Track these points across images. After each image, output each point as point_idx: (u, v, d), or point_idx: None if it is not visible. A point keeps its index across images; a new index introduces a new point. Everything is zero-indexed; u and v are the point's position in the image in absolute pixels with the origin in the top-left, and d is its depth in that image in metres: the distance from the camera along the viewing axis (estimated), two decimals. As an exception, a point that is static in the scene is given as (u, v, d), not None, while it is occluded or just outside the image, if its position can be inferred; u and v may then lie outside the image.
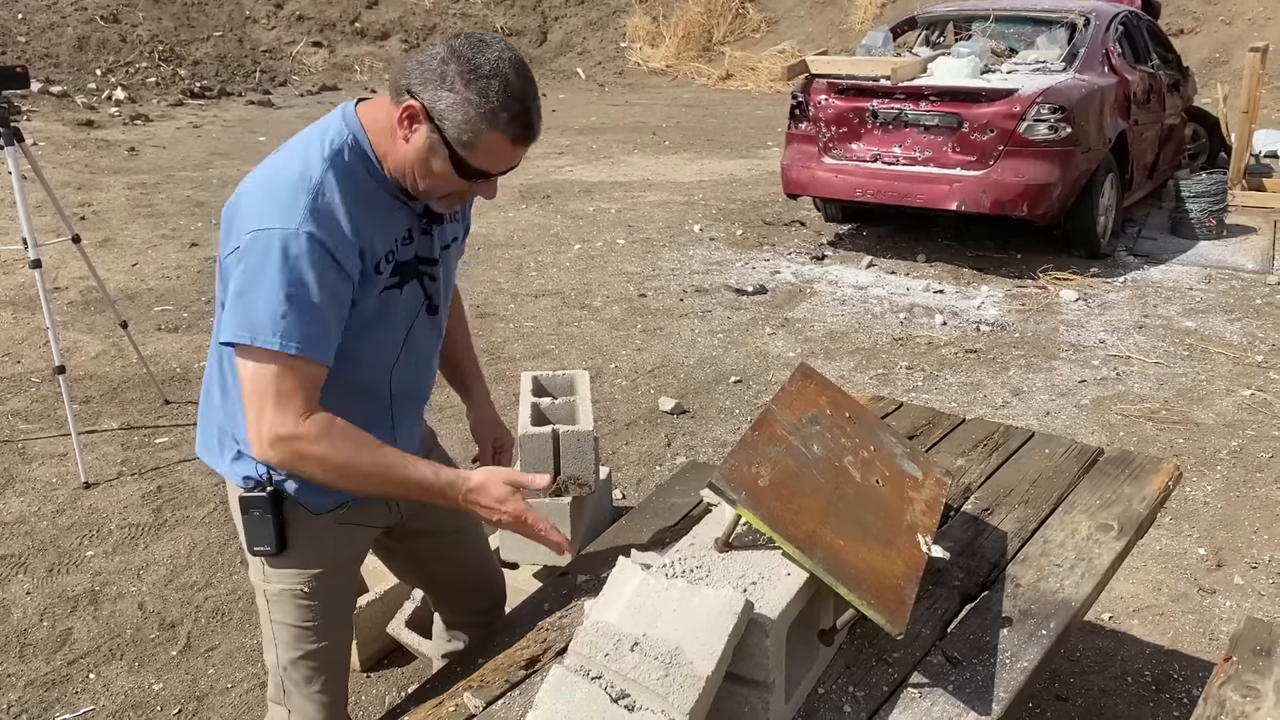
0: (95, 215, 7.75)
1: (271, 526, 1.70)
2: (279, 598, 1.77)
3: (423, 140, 1.54)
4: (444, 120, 1.51)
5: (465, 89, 1.50)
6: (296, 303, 1.49)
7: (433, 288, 1.76)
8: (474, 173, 1.57)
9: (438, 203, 1.66)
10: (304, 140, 1.60)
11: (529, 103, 1.54)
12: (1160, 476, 2.24)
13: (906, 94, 6.45)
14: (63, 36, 13.49)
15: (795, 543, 1.48)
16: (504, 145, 1.54)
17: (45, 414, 4.44)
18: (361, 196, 1.58)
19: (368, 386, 1.73)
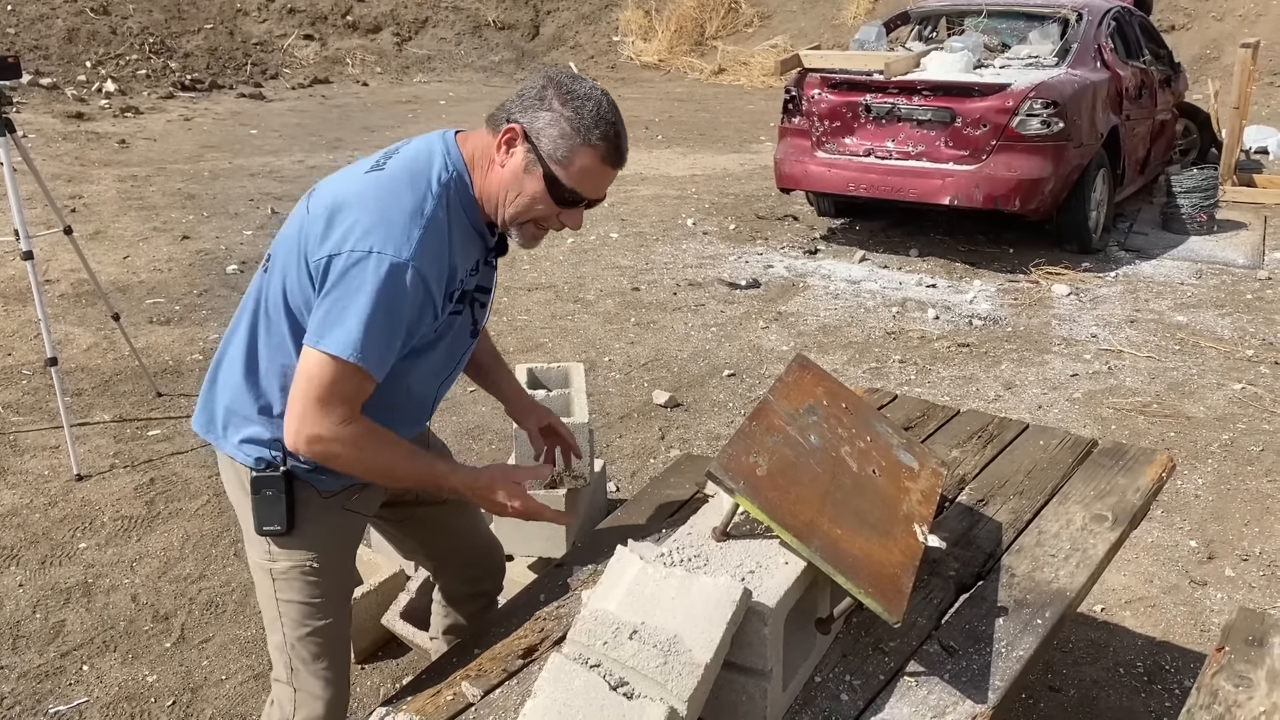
0: (86, 208, 7.72)
1: (283, 506, 1.74)
2: (287, 575, 1.81)
3: (520, 159, 1.62)
4: (540, 137, 1.61)
5: (562, 107, 1.60)
6: (386, 329, 1.58)
7: (480, 314, 1.84)
8: (564, 193, 1.63)
9: (520, 232, 1.71)
10: (414, 165, 1.66)
11: (619, 127, 1.64)
12: (1154, 468, 2.25)
13: (899, 88, 6.46)
14: (52, 28, 13.41)
15: (793, 532, 1.49)
16: (595, 163, 1.62)
17: (37, 406, 4.42)
18: (457, 231, 1.66)
19: (418, 396, 1.82)
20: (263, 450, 1.75)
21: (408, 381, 1.75)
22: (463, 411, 4.45)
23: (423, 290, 1.59)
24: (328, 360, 1.58)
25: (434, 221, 1.61)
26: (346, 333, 1.56)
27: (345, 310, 1.56)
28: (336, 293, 1.57)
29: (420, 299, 1.60)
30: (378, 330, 1.57)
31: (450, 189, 1.65)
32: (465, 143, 1.70)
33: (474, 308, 1.81)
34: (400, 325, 1.60)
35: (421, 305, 1.61)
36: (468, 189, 1.68)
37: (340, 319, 1.57)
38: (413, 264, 1.56)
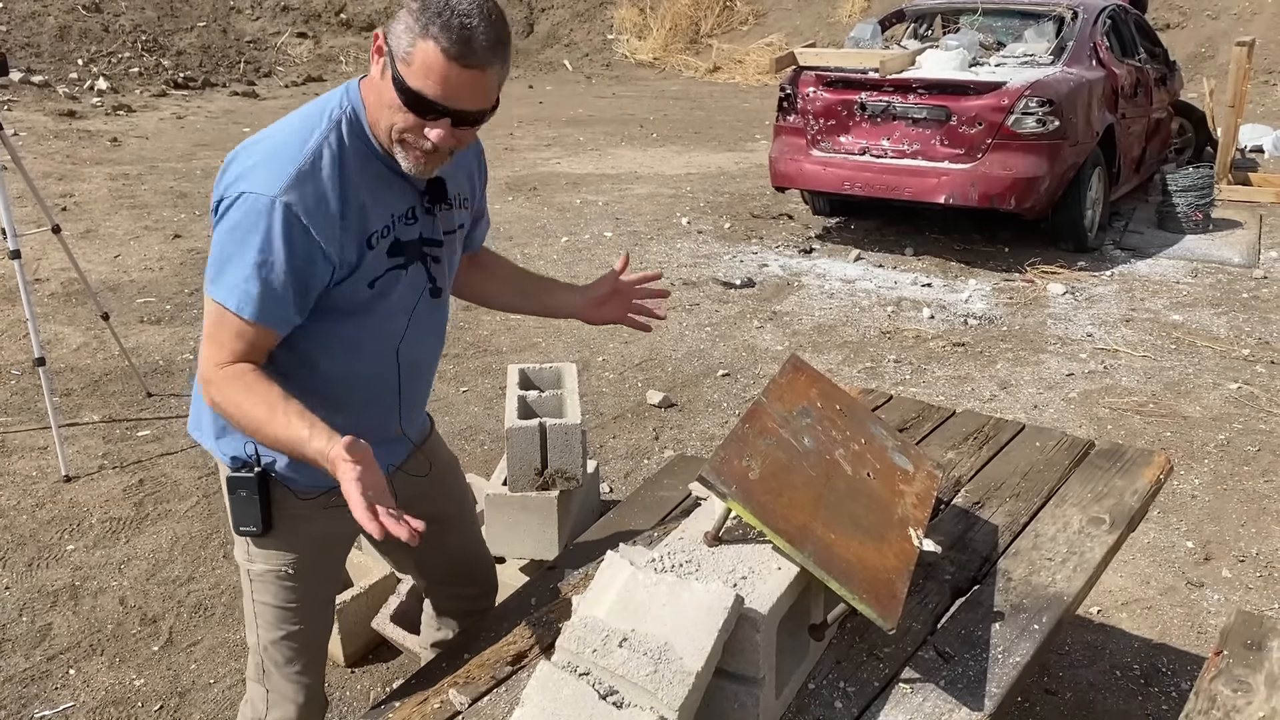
0: (77, 206, 7.67)
1: (258, 507, 1.70)
2: (262, 578, 1.78)
3: (379, 66, 1.52)
4: (392, 39, 1.49)
5: (418, 6, 1.47)
6: (261, 270, 1.51)
7: (437, 270, 1.74)
8: (411, 96, 1.48)
9: (400, 152, 1.56)
10: (306, 112, 1.61)
11: (469, 19, 1.45)
12: (1152, 469, 2.23)
13: (895, 87, 6.44)
14: (44, 25, 13.34)
15: (786, 537, 1.46)
16: (437, 58, 1.45)
17: (25, 406, 4.39)
18: (357, 169, 1.57)
19: (375, 372, 1.73)
20: (237, 449, 1.71)
21: (358, 357, 1.68)
22: (455, 412, 4.42)
23: (298, 228, 1.51)
24: (209, 302, 1.57)
25: (314, 157, 1.53)
26: (218, 273, 1.55)
27: (219, 252, 1.55)
28: (216, 236, 1.56)
29: (296, 237, 1.51)
30: (256, 274, 1.51)
31: (341, 126, 1.57)
32: (367, 82, 1.61)
33: (426, 263, 1.71)
34: (281, 265, 1.51)
35: (303, 245, 1.52)
36: (365, 127, 1.58)
37: (215, 260, 1.56)
38: (280, 199, 1.49)
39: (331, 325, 1.64)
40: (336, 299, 1.61)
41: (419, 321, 1.74)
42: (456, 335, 5.27)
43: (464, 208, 1.80)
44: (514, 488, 2.89)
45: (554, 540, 2.89)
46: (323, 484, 1.73)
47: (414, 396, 1.85)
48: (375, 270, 1.62)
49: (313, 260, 1.54)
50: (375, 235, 1.60)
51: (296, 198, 1.50)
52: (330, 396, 1.69)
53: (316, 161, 1.53)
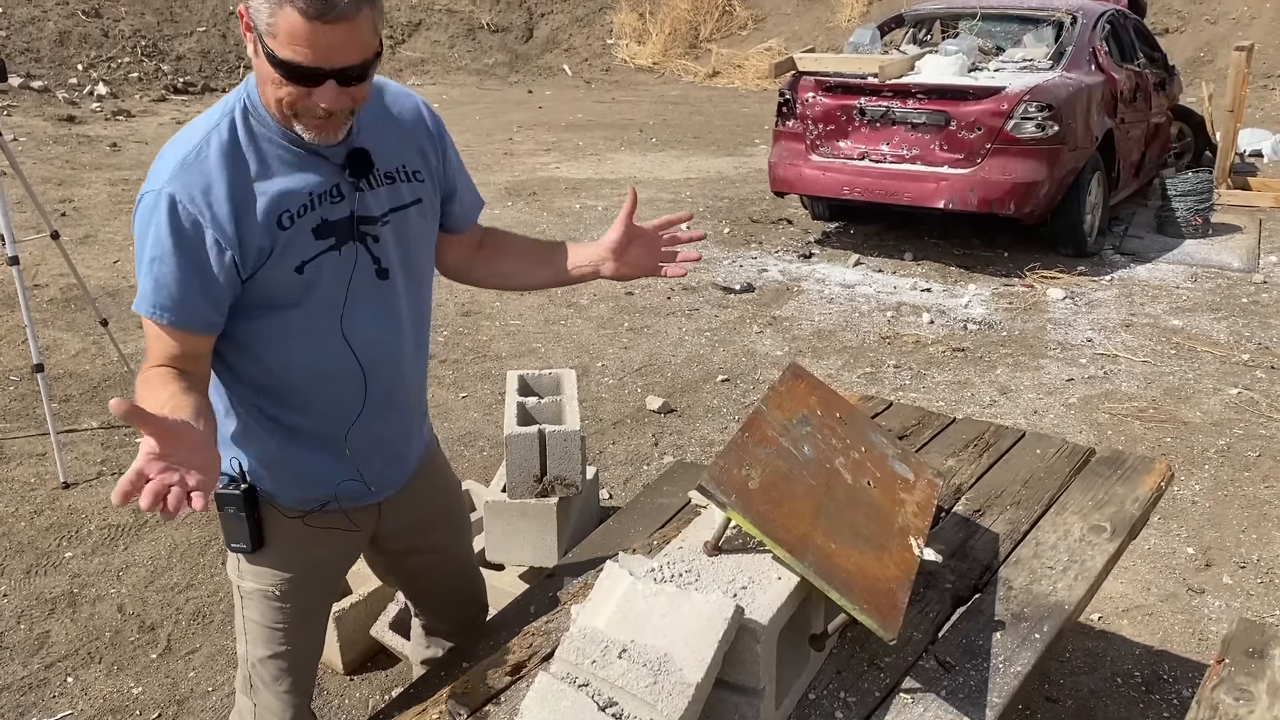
0: (77, 211, 7.67)
1: (246, 524, 1.68)
2: (251, 596, 1.76)
3: (253, 47, 1.46)
4: (254, 16, 1.42)
5: None
6: (154, 267, 1.49)
7: (379, 249, 1.64)
8: (289, 67, 1.42)
9: (299, 126, 1.51)
10: (209, 110, 1.58)
11: None
12: (1152, 477, 2.22)
13: (894, 92, 6.44)
14: (43, 31, 13.34)
15: (786, 547, 1.45)
16: (299, 22, 1.39)
17: (24, 413, 4.38)
18: (256, 152, 1.52)
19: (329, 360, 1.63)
20: (223, 464, 1.64)
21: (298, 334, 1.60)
22: (454, 418, 4.41)
23: (184, 216, 1.46)
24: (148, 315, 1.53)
25: (202, 145, 1.49)
26: (140, 283, 1.51)
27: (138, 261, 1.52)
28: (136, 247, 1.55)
29: (183, 227, 1.46)
30: (153, 274, 1.48)
31: (236, 113, 1.53)
32: None
33: (366, 242, 1.62)
34: (174, 260, 1.47)
35: (191, 234, 1.47)
36: (260, 109, 1.53)
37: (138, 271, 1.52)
38: (165, 191, 1.46)
39: (271, 319, 1.58)
40: (268, 287, 1.55)
41: (361, 300, 1.63)
42: (455, 341, 5.27)
43: (413, 181, 1.69)
44: (513, 495, 2.88)
45: (553, 547, 2.88)
46: (305, 502, 1.72)
47: (391, 391, 1.72)
48: (301, 253, 1.55)
49: (202, 247, 1.48)
50: (287, 215, 1.53)
51: (180, 186, 1.47)
52: (294, 397, 1.65)
53: (203, 150, 1.50)
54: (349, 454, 1.71)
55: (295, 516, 1.72)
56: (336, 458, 1.72)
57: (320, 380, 1.65)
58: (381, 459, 1.79)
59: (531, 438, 2.84)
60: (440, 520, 2.00)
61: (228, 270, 1.51)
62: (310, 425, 1.69)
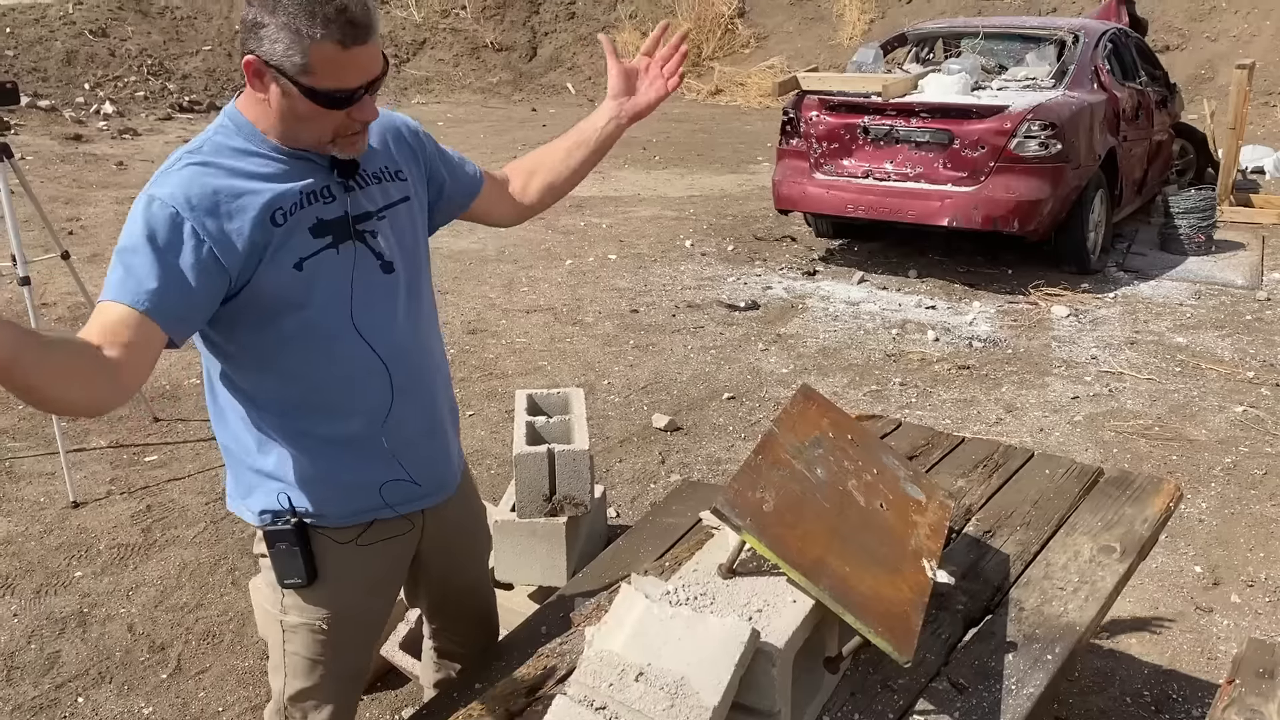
0: (84, 230, 7.70)
1: (300, 557, 1.67)
2: (297, 630, 1.74)
3: (276, 91, 1.49)
4: (275, 59, 1.45)
5: (273, 15, 1.44)
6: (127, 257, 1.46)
7: (380, 245, 1.66)
8: (331, 97, 1.48)
9: (335, 149, 1.57)
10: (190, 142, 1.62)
11: (338, 1, 1.44)
12: (1161, 497, 2.23)
13: (897, 110, 6.47)
14: (51, 50, 13.42)
15: (802, 570, 1.46)
16: (336, 53, 1.45)
17: (33, 432, 4.39)
18: (244, 160, 1.55)
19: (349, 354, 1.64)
20: (269, 501, 1.68)
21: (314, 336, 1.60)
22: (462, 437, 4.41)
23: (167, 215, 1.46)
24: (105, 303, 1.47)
25: (186, 158, 1.54)
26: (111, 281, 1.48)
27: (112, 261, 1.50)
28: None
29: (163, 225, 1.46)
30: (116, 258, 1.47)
31: (221, 133, 1.57)
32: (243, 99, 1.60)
33: (365, 239, 1.64)
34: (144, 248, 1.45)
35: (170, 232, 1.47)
36: (245, 127, 1.56)
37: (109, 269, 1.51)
38: (150, 194, 1.49)
39: (282, 324, 1.58)
40: (269, 288, 1.55)
41: (371, 295, 1.65)
42: (461, 359, 5.28)
43: (398, 180, 1.73)
44: (522, 514, 2.89)
45: (562, 567, 2.89)
46: (355, 518, 1.72)
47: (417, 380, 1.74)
48: (299, 250, 1.56)
49: (180, 239, 1.47)
50: (280, 212, 1.54)
51: (164, 190, 1.49)
52: (321, 403, 1.65)
53: (189, 161, 1.53)
54: (388, 448, 1.71)
55: (348, 541, 1.71)
56: (376, 458, 1.70)
57: (344, 380, 1.65)
58: (424, 452, 1.79)
59: (541, 457, 2.85)
60: (472, 541, 2.03)
61: (205, 264, 1.48)
62: (343, 429, 1.68)
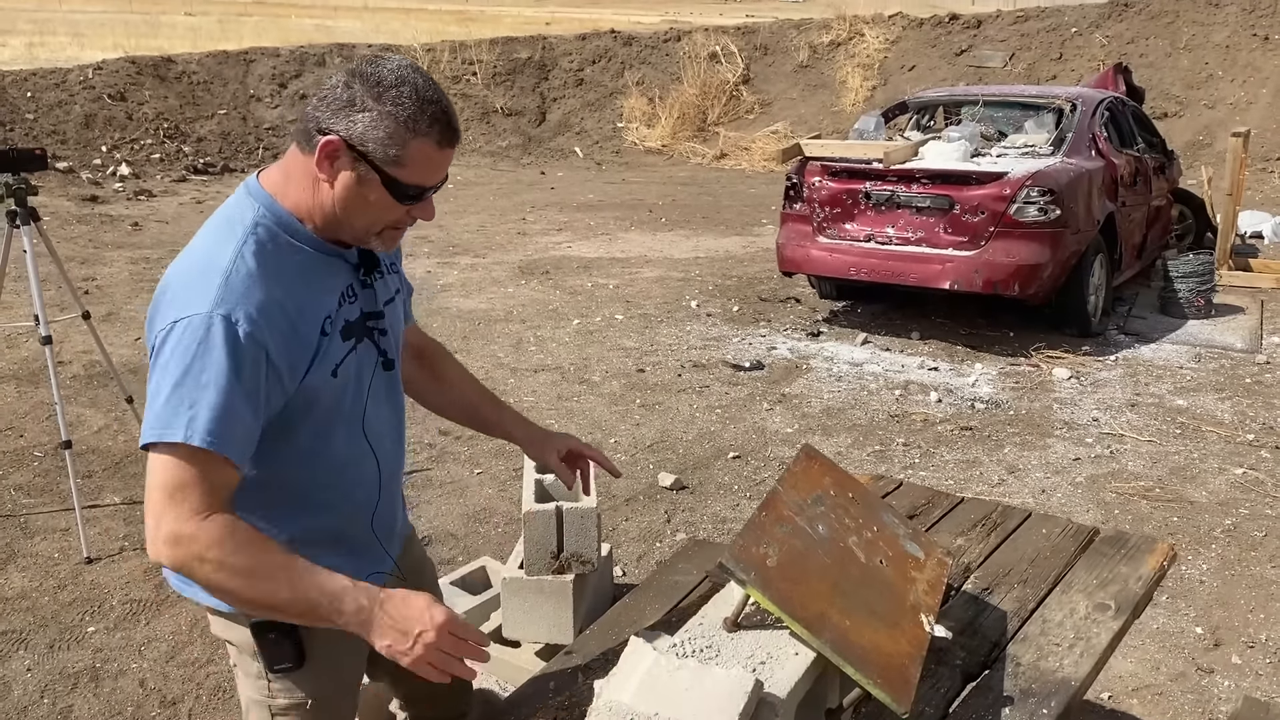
0: (99, 289, 7.84)
1: (290, 644, 1.65)
2: (285, 713, 1.75)
3: (349, 175, 1.48)
4: (366, 144, 1.46)
5: (378, 103, 1.45)
6: (208, 390, 1.41)
7: (384, 342, 1.70)
8: (409, 191, 1.51)
9: (377, 240, 1.58)
10: (215, 225, 1.56)
11: (443, 103, 1.49)
12: (1155, 557, 2.29)
13: (899, 176, 6.61)
14: (70, 114, 13.74)
15: (804, 623, 1.52)
16: (432, 151, 1.49)
17: (47, 488, 4.46)
18: (288, 265, 1.53)
19: (352, 457, 1.67)
20: None
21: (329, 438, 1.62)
22: (470, 495, 4.48)
23: (240, 337, 1.43)
24: (161, 449, 1.41)
25: (239, 265, 1.46)
26: (167, 412, 1.41)
27: (163, 390, 1.42)
28: (153, 383, 1.45)
29: (242, 349, 1.43)
30: (204, 398, 1.41)
31: (257, 229, 1.52)
32: (270, 176, 1.58)
33: (373, 337, 1.66)
34: (229, 383, 1.41)
35: (251, 355, 1.44)
36: (285, 219, 1.54)
37: (162, 402, 1.42)
38: (217, 313, 1.42)
39: (303, 424, 1.58)
40: (307, 396, 1.55)
41: (376, 395, 1.70)
42: (470, 418, 5.35)
43: (390, 274, 1.76)
44: (530, 571, 2.94)
45: (569, 624, 2.93)
46: None
47: (393, 479, 1.80)
48: (336, 356, 1.58)
49: (260, 369, 1.45)
50: (328, 321, 1.56)
51: (231, 308, 1.43)
52: (323, 500, 1.67)
53: (242, 266, 1.47)
54: (378, 538, 1.77)
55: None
56: (367, 550, 1.76)
57: (344, 477, 1.68)
58: (396, 530, 1.87)
59: (549, 515, 2.91)
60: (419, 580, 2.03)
61: (272, 391, 1.49)
62: (336, 525, 1.71)
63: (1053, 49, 16.21)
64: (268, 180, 1.58)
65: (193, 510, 1.41)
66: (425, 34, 20.84)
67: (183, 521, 1.41)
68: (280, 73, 16.85)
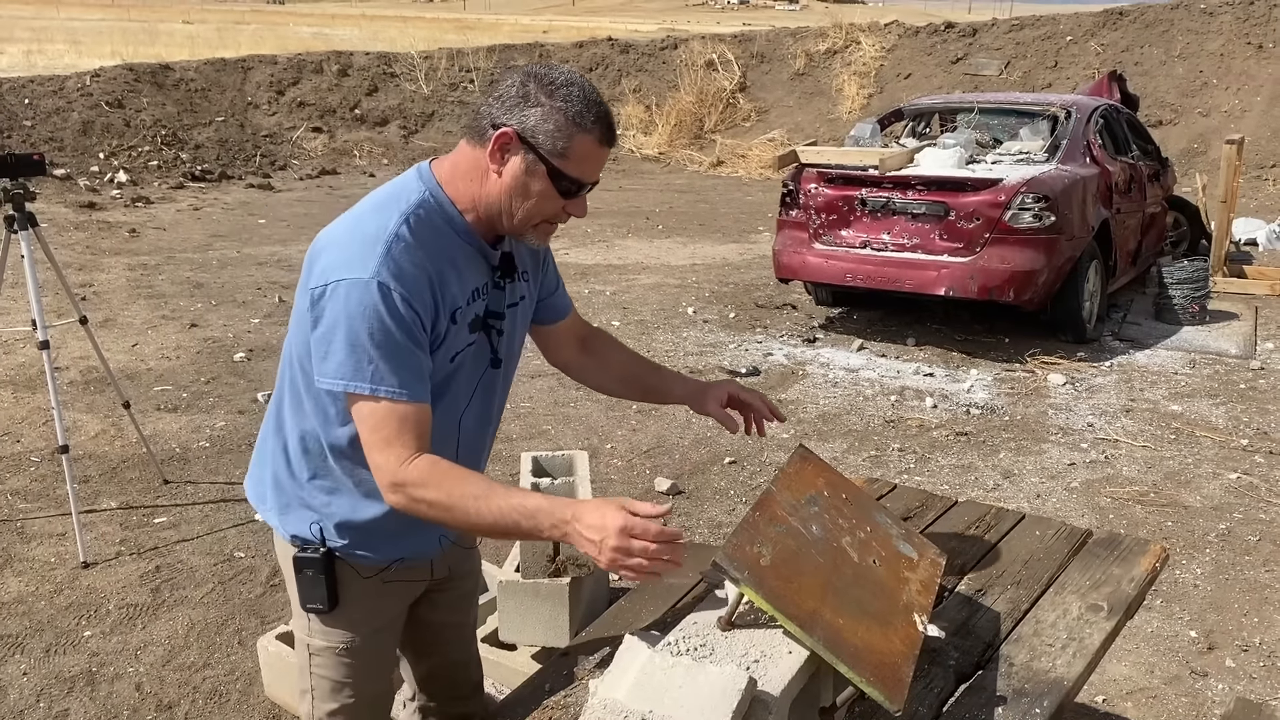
0: (96, 296, 7.85)
1: (324, 586, 1.76)
2: (321, 653, 1.83)
3: (519, 164, 1.60)
4: (536, 135, 1.58)
5: (550, 99, 1.57)
6: (381, 348, 1.54)
7: (498, 342, 1.79)
8: (569, 184, 1.62)
9: (533, 235, 1.69)
10: (382, 198, 1.66)
11: (605, 107, 1.63)
12: (1148, 558, 2.30)
13: (894, 183, 6.64)
14: (68, 121, 13.75)
15: (797, 621, 1.53)
16: (594, 147, 1.61)
17: (44, 493, 4.46)
18: (440, 249, 1.63)
19: (439, 442, 1.72)
20: (301, 527, 1.76)
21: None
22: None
23: (397, 302, 1.55)
24: (358, 400, 1.56)
25: (398, 239, 1.58)
26: (349, 365, 1.55)
27: (338, 345, 1.56)
28: (322, 331, 1.58)
29: (397, 310, 1.55)
30: (379, 352, 1.54)
31: (420, 210, 1.63)
32: (441, 165, 1.69)
33: (490, 335, 1.77)
34: (396, 339, 1.55)
35: (405, 318, 1.56)
36: (447, 206, 1.65)
37: (339, 354, 1.56)
38: (375, 280, 1.54)
39: None
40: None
41: (480, 388, 1.80)
42: (467, 424, 5.36)
43: (526, 281, 1.86)
44: (526, 574, 2.94)
45: (565, 627, 2.93)
46: (383, 559, 1.80)
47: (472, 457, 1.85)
48: (457, 345, 1.68)
49: (414, 331, 1.57)
50: (459, 310, 1.66)
51: (389, 275, 1.55)
52: None
53: (402, 239, 1.58)
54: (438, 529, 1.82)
55: (371, 576, 1.80)
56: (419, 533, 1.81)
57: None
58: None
59: (546, 519, 2.92)
60: (463, 599, 2.08)
61: (427, 349, 1.61)
62: None
63: (1048, 57, 16.27)
64: (438, 168, 1.69)
65: (398, 459, 1.56)
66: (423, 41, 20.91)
67: (393, 471, 1.56)
68: (278, 80, 16.88)
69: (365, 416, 1.57)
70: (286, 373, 1.76)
